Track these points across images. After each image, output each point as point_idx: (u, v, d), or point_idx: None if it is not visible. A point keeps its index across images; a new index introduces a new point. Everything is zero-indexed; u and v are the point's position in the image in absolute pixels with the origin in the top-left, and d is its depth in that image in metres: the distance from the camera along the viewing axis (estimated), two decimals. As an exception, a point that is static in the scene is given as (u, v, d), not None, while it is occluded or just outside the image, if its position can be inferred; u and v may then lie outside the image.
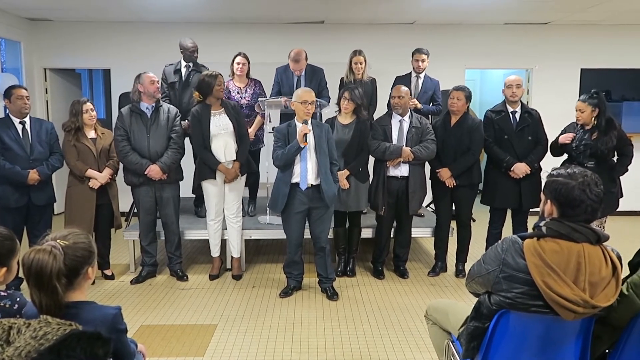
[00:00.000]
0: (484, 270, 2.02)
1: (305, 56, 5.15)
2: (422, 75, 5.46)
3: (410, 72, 5.49)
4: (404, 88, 4.70)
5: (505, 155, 4.58)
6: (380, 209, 4.70)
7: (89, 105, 4.51)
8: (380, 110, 5.46)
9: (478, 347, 2.05)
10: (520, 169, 4.54)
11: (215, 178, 4.62)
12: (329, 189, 4.17)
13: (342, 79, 5.36)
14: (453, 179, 4.67)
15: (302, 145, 4.07)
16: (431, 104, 5.47)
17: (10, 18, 6.59)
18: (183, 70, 5.33)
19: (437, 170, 4.70)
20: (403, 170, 4.63)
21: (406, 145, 4.58)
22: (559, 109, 6.63)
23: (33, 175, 4.29)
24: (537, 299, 1.87)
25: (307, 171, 4.16)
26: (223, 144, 4.55)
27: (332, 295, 4.41)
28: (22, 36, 6.86)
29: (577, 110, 4.35)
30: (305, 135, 4.05)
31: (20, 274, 1.73)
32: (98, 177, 4.52)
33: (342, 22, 7.09)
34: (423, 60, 5.38)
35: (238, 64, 5.17)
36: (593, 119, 4.31)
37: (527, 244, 1.92)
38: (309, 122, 4.14)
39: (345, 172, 4.58)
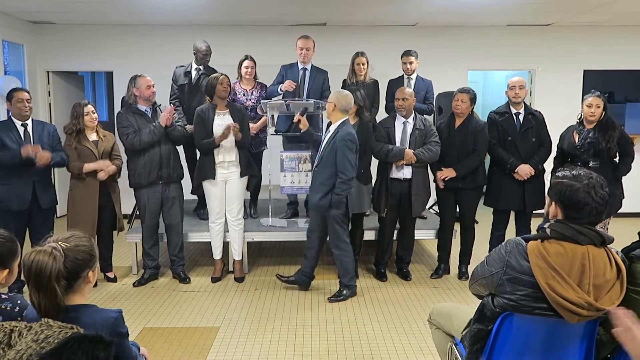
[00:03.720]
0: (488, 272, 2.01)
1: (314, 43, 5.21)
2: (413, 76, 5.48)
3: (403, 75, 5.51)
4: (409, 90, 4.70)
5: (510, 157, 4.56)
6: (382, 211, 4.69)
7: (89, 108, 4.51)
8: (383, 112, 5.47)
9: (481, 350, 2.03)
10: (524, 170, 4.52)
11: (214, 178, 4.64)
12: (312, 197, 4.31)
13: (344, 81, 5.36)
14: (455, 181, 4.65)
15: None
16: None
17: (14, 21, 6.60)
18: (193, 73, 5.33)
19: (441, 169, 4.66)
20: (406, 173, 4.61)
21: (409, 147, 4.57)
22: (562, 111, 6.62)
23: (26, 149, 4.16)
24: (541, 301, 1.86)
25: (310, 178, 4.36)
26: (222, 143, 4.57)
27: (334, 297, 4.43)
28: (25, 39, 6.87)
29: (591, 106, 4.32)
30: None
31: (22, 277, 1.72)
32: (101, 166, 4.46)
33: (344, 24, 7.09)
34: (411, 63, 5.41)
35: (246, 67, 5.18)
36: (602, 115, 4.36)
37: (531, 246, 1.90)
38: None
39: None
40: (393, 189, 4.65)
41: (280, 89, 5.08)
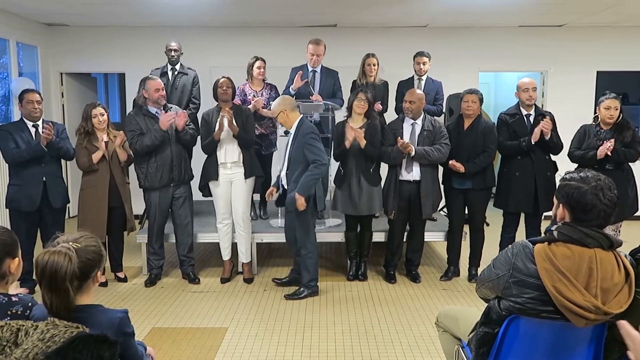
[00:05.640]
0: (494, 275, 1.99)
1: (325, 47, 5.20)
2: (424, 77, 5.46)
3: (413, 76, 5.50)
4: (419, 92, 4.67)
5: (519, 141, 4.51)
6: (390, 214, 4.69)
7: (98, 110, 4.55)
8: (392, 113, 5.45)
9: (488, 353, 2.02)
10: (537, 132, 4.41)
11: (217, 179, 4.68)
12: (289, 196, 4.31)
13: (354, 82, 5.36)
14: (463, 182, 4.64)
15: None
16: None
17: (28, 23, 6.68)
18: (169, 74, 5.43)
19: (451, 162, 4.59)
20: (415, 174, 4.60)
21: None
22: (575, 112, 6.57)
23: (45, 136, 4.26)
24: (548, 304, 1.84)
25: (281, 177, 4.44)
26: (223, 144, 4.62)
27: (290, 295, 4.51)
28: (39, 41, 6.96)
29: (609, 109, 4.27)
30: None
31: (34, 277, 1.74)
32: (104, 149, 4.52)
33: (355, 25, 7.09)
34: (425, 63, 5.39)
35: (258, 68, 5.20)
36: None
37: (538, 249, 1.88)
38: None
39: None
40: (402, 191, 4.64)
41: (292, 89, 5.08)
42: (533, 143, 4.44)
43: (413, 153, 4.48)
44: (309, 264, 4.49)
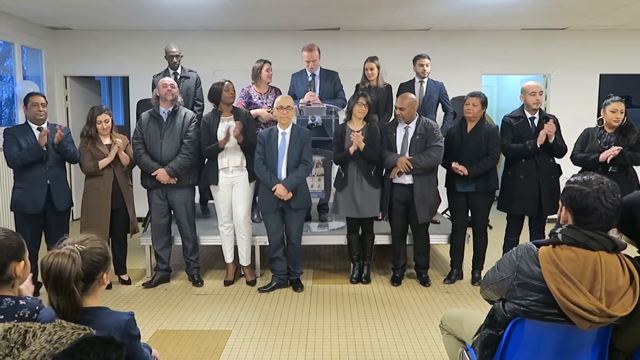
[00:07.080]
0: (498, 277, 2.00)
1: (319, 50, 5.23)
2: (425, 79, 5.47)
3: (414, 78, 5.51)
4: (410, 98, 4.61)
5: (524, 143, 4.51)
6: (382, 216, 4.74)
7: (103, 117, 4.56)
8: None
9: (492, 355, 2.02)
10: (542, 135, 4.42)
11: (217, 184, 4.69)
12: (297, 195, 4.51)
13: (357, 85, 5.38)
14: (466, 184, 4.64)
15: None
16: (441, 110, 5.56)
17: (32, 27, 6.72)
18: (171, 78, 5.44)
19: (454, 166, 4.59)
20: (407, 179, 4.59)
21: (410, 154, 4.55)
22: (578, 115, 6.56)
23: (43, 136, 4.31)
24: (552, 307, 1.85)
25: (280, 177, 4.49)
26: (225, 149, 4.61)
27: (297, 287, 4.73)
28: (43, 44, 6.99)
29: (615, 112, 4.25)
30: None
31: (39, 279, 1.75)
32: (113, 155, 4.55)
33: (358, 28, 7.10)
34: (427, 65, 5.44)
35: (267, 70, 5.20)
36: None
37: (542, 251, 1.89)
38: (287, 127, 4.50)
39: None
40: (398, 194, 4.64)
41: (301, 103, 5.07)
42: (539, 146, 4.45)
43: (411, 167, 4.49)
44: (300, 255, 4.77)
